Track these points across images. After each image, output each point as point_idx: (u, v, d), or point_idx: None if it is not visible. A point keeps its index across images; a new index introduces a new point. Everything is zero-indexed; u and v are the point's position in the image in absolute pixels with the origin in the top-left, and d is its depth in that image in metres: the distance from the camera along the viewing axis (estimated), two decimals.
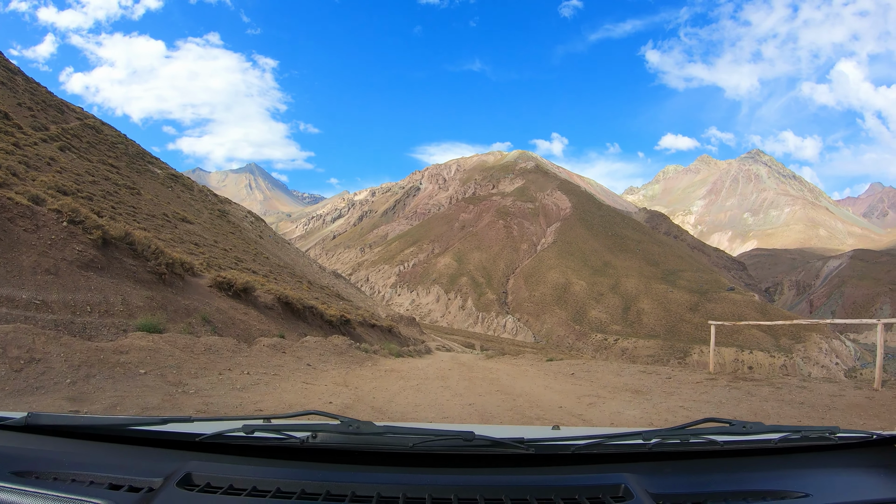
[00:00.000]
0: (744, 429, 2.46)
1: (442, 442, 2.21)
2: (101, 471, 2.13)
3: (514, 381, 15.95)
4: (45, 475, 2.08)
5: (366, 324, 38.22)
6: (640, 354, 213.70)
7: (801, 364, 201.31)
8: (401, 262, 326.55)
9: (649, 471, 2.19)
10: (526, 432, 2.61)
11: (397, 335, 46.90)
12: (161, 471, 2.10)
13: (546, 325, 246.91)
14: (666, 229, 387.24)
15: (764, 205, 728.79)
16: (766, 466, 2.29)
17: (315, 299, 37.80)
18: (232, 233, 56.17)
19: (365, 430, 2.28)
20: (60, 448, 2.30)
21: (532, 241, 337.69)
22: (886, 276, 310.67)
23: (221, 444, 2.27)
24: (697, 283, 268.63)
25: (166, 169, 66.01)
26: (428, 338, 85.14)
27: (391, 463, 2.21)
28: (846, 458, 2.38)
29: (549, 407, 10.79)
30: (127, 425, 2.40)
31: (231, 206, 77.95)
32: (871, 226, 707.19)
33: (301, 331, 22.50)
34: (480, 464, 2.25)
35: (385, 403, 10.61)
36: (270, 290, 23.78)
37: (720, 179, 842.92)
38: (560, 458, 2.26)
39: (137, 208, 37.04)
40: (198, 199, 63.66)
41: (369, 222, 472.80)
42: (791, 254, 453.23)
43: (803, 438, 2.39)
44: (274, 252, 64.81)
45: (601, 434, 2.37)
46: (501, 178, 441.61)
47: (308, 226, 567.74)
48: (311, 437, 2.23)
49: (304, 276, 54.21)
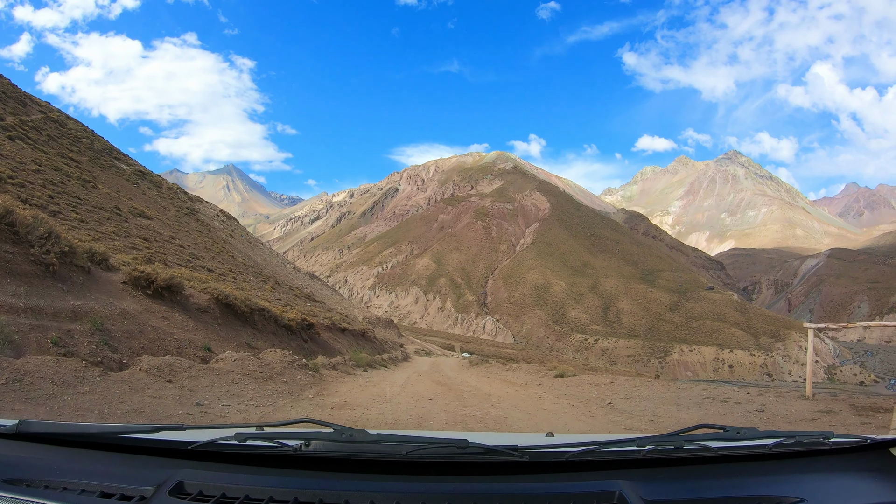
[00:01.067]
0: (738, 434, 2.46)
1: (435, 450, 2.19)
2: (92, 479, 2.11)
3: (532, 417, 11.22)
4: (37, 483, 2.07)
5: (335, 328, 34.42)
6: (620, 354, 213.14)
7: (782, 362, 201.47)
8: (379, 264, 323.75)
9: (644, 477, 2.18)
10: (520, 439, 2.53)
11: (372, 340, 43.68)
12: (153, 479, 2.09)
13: (526, 325, 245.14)
14: (644, 230, 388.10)
15: (741, 205, 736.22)
16: (760, 472, 2.28)
17: (278, 301, 34.93)
18: (199, 231, 53.46)
19: (358, 438, 2.27)
20: (52, 456, 2.29)
21: (511, 241, 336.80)
22: (864, 274, 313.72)
23: (214, 452, 2.26)
24: (677, 282, 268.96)
25: (134, 165, 63.58)
26: (406, 341, 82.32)
27: (385, 471, 2.20)
28: (840, 462, 2.37)
29: None
30: (119, 433, 2.39)
31: (202, 204, 75.05)
32: (847, 225, 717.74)
33: (244, 339, 18.57)
34: (474, 471, 2.23)
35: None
36: (208, 289, 19.34)
37: (698, 180, 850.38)
38: (554, 465, 2.25)
39: (84, 200, 34.26)
40: (166, 196, 61.03)
41: (347, 224, 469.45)
42: (768, 253, 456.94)
43: (798, 444, 2.38)
44: (244, 252, 61.88)
45: (595, 441, 2.35)
46: (480, 178, 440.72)
47: (286, 227, 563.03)
48: (304, 445, 2.21)
49: (272, 277, 51.01)
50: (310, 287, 76.42)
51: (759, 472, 2.28)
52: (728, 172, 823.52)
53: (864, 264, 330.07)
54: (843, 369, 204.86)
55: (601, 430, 10.29)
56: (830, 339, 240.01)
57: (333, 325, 34.68)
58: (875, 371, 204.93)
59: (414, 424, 10.26)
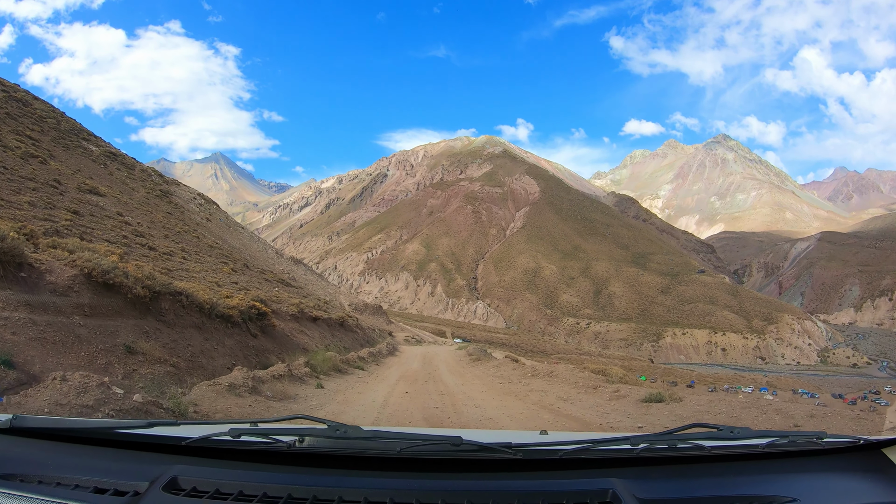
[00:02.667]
0: (731, 434, 2.47)
1: (429, 446, 2.21)
2: (86, 474, 2.12)
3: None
4: (30, 478, 2.09)
5: (304, 317, 28.32)
6: (612, 338, 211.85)
7: (774, 345, 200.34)
8: (369, 250, 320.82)
9: (637, 476, 2.19)
10: (514, 437, 2.56)
11: (353, 330, 38.51)
12: (147, 474, 2.09)
13: (517, 310, 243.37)
14: (635, 213, 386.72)
15: (731, 189, 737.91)
16: (754, 471, 2.30)
17: (233, 284, 30.47)
18: (170, 213, 50.69)
19: (352, 435, 2.29)
20: (46, 451, 2.30)
21: (501, 225, 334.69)
22: (854, 257, 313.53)
23: (208, 448, 2.27)
24: (668, 265, 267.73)
25: (105, 147, 61.04)
26: (396, 328, 79.10)
27: (379, 468, 2.21)
28: (834, 462, 2.39)
29: None
30: (113, 428, 2.41)
31: (179, 188, 72.20)
32: (836, 209, 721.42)
33: (124, 339, 11.28)
34: (468, 469, 2.24)
35: None
36: (77, 262, 11.88)
37: (687, 164, 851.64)
38: (548, 463, 2.26)
39: (12, 170, 30.94)
40: (137, 178, 58.51)
41: (336, 210, 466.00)
42: (758, 237, 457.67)
43: (791, 443, 2.41)
44: (219, 235, 58.90)
45: (589, 439, 2.36)
46: (469, 163, 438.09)
47: (275, 215, 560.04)
48: (299, 441, 2.23)
49: (242, 260, 47.78)
50: (291, 272, 73.50)
51: (752, 471, 2.30)
52: (717, 156, 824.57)
53: (854, 247, 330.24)
54: (836, 352, 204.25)
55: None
56: (823, 322, 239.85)
57: (302, 314, 28.40)
58: (868, 354, 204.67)
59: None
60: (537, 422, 10.86)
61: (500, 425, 10.42)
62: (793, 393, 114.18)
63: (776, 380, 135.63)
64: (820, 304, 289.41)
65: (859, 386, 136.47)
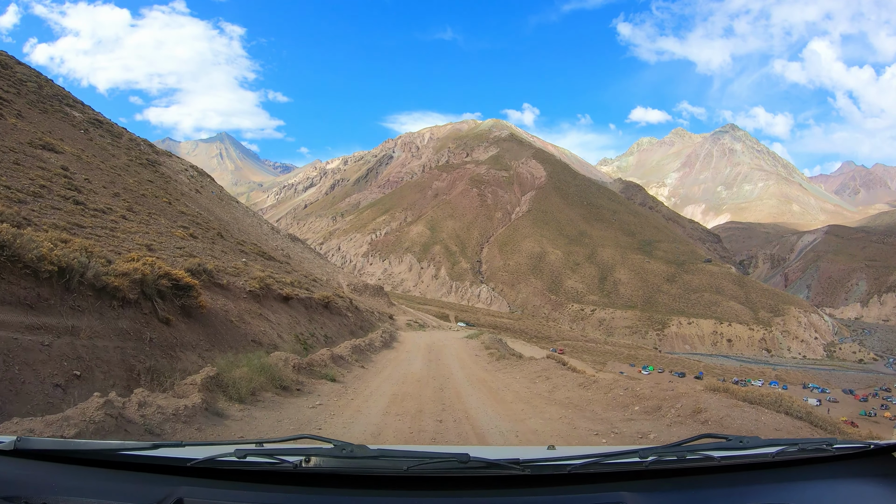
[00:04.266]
0: (741, 443, 2.47)
1: (436, 464, 2.19)
2: (91, 496, 2.11)
3: None
4: (34, 501, 2.06)
5: (269, 295, 20.69)
6: (617, 325, 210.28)
7: (781, 338, 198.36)
8: (373, 231, 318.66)
9: (647, 489, 2.19)
10: (521, 453, 2.58)
11: (340, 314, 30.32)
12: (152, 497, 2.08)
13: (521, 294, 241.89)
14: (641, 200, 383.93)
15: (737, 179, 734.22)
16: (764, 480, 2.30)
17: (177, 249, 21.29)
18: (151, 181, 47.80)
19: (359, 454, 2.27)
20: (50, 473, 2.28)
21: (506, 209, 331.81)
22: (862, 252, 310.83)
23: (213, 469, 2.25)
24: (674, 253, 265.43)
25: (92, 115, 58.32)
26: (398, 310, 76.36)
27: (386, 486, 2.20)
28: (844, 469, 2.38)
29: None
30: (118, 450, 2.39)
31: (171, 159, 69.97)
32: (843, 203, 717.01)
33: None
34: (476, 486, 2.23)
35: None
36: None
37: (694, 153, 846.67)
38: (556, 478, 2.25)
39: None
40: (123, 146, 55.81)
41: (341, 191, 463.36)
42: (765, 228, 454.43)
43: (800, 451, 2.39)
44: (205, 206, 56.28)
45: (598, 453, 2.34)
46: (475, 146, 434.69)
47: (280, 195, 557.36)
48: (305, 461, 2.22)
49: (219, 229, 44.36)
50: (286, 249, 71.00)
51: (762, 480, 2.30)
52: (725, 146, 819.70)
53: (862, 242, 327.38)
54: (843, 347, 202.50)
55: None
56: (829, 315, 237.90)
57: (267, 291, 20.62)
58: (874, 349, 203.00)
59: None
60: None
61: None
62: (803, 387, 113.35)
63: (784, 373, 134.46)
64: (826, 297, 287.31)
65: (867, 382, 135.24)
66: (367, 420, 9.15)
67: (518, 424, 8.95)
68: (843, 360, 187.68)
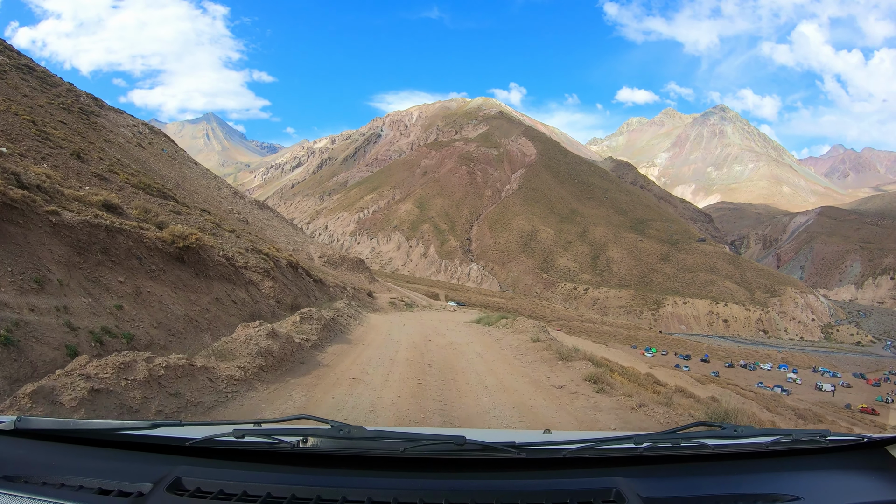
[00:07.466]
0: (735, 432, 2.48)
1: (433, 446, 2.21)
2: (90, 475, 2.11)
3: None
4: (34, 480, 2.08)
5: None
6: (611, 305, 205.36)
7: (777, 319, 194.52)
8: (360, 209, 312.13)
9: (641, 475, 2.20)
10: (517, 436, 2.58)
11: (240, 283, 17.15)
12: (151, 476, 2.08)
13: (512, 273, 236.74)
14: (633, 179, 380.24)
15: (728, 160, 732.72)
16: (757, 469, 2.30)
17: None
18: (64, 122, 41.31)
19: (356, 435, 2.28)
20: (50, 452, 2.29)
21: (496, 187, 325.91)
22: (856, 234, 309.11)
23: (212, 448, 2.26)
24: (667, 232, 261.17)
25: (18, 59, 53.54)
26: (380, 287, 68.06)
27: (382, 467, 2.20)
28: (837, 461, 2.39)
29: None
30: (117, 429, 2.40)
31: (121, 116, 64.18)
32: (833, 186, 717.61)
33: None
34: (472, 468, 2.24)
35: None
36: None
37: (685, 133, 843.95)
38: (551, 462, 2.26)
39: None
40: (53, 95, 49.99)
41: (329, 170, 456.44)
42: (756, 208, 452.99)
43: (794, 441, 2.40)
44: (145, 163, 49.94)
45: (593, 438, 2.36)
46: (465, 124, 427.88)
47: (267, 175, 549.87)
48: (302, 441, 2.22)
49: (144, 182, 36.68)
50: (246, 215, 64.76)
51: (755, 469, 2.31)
52: (715, 127, 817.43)
53: (855, 224, 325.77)
54: (840, 329, 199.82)
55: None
56: (824, 297, 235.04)
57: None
58: (871, 332, 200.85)
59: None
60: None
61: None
62: (813, 371, 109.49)
63: (789, 356, 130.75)
64: (820, 279, 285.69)
65: (868, 365, 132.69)
66: None
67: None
68: (840, 342, 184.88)
